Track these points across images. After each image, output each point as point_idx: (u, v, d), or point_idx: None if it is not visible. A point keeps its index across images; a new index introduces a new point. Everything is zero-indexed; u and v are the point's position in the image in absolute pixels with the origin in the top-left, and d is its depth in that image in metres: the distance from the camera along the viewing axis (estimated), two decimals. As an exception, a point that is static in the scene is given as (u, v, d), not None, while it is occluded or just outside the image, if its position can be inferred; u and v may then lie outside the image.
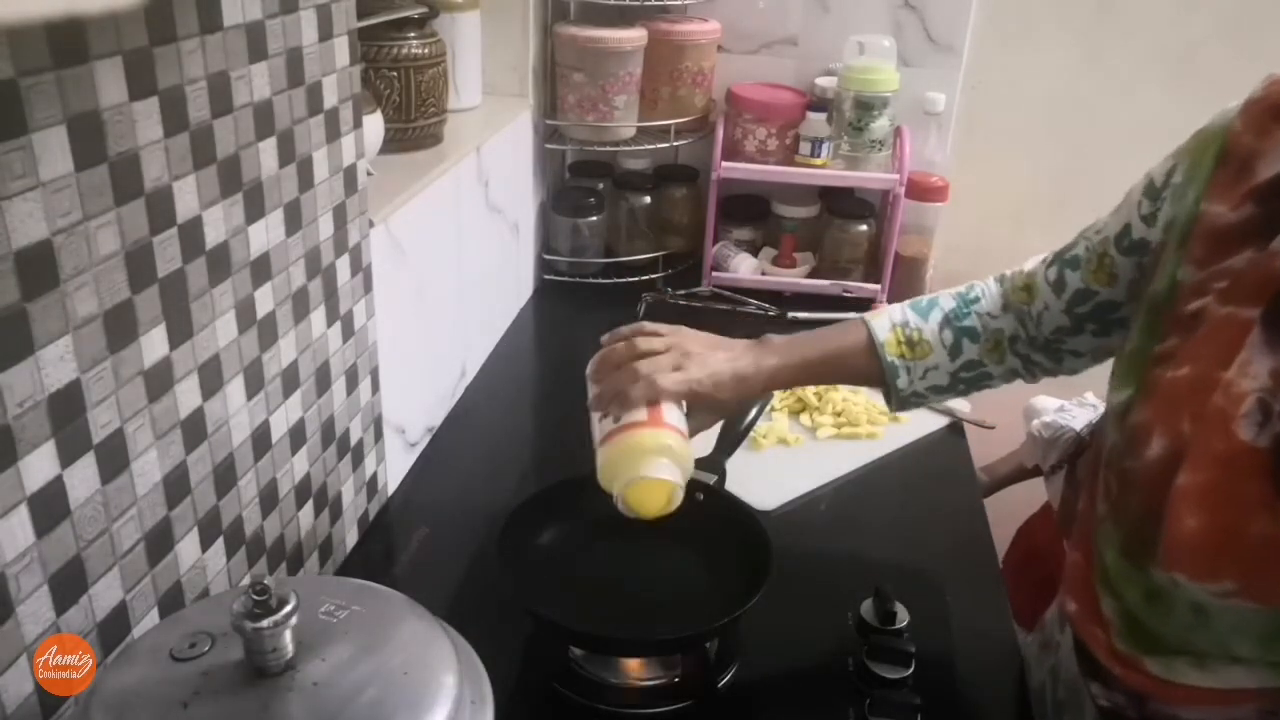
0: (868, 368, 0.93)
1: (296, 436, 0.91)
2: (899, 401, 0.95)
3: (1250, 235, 0.67)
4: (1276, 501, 0.60)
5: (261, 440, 0.84)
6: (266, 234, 0.81)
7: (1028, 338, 0.91)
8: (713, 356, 0.91)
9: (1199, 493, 0.64)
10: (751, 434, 1.18)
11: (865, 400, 1.35)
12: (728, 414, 0.95)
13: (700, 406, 0.91)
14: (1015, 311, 0.91)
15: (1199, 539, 0.64)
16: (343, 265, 0.96)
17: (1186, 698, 0.72)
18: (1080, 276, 0.85)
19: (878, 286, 1.71)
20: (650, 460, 0.83)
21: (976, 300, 0.94)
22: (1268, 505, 0.61)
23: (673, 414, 0.88)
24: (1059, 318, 0.87)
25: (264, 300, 0.82)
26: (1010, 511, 1.50)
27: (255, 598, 0.53)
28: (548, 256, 1.74)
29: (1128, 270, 0.81)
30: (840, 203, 1.77)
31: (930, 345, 0.92)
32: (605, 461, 0.86)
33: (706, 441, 1.07)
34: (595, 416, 0.90)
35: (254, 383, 0.82)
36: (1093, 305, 0.85)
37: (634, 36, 1.58)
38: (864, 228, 1.75)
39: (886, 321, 0.94)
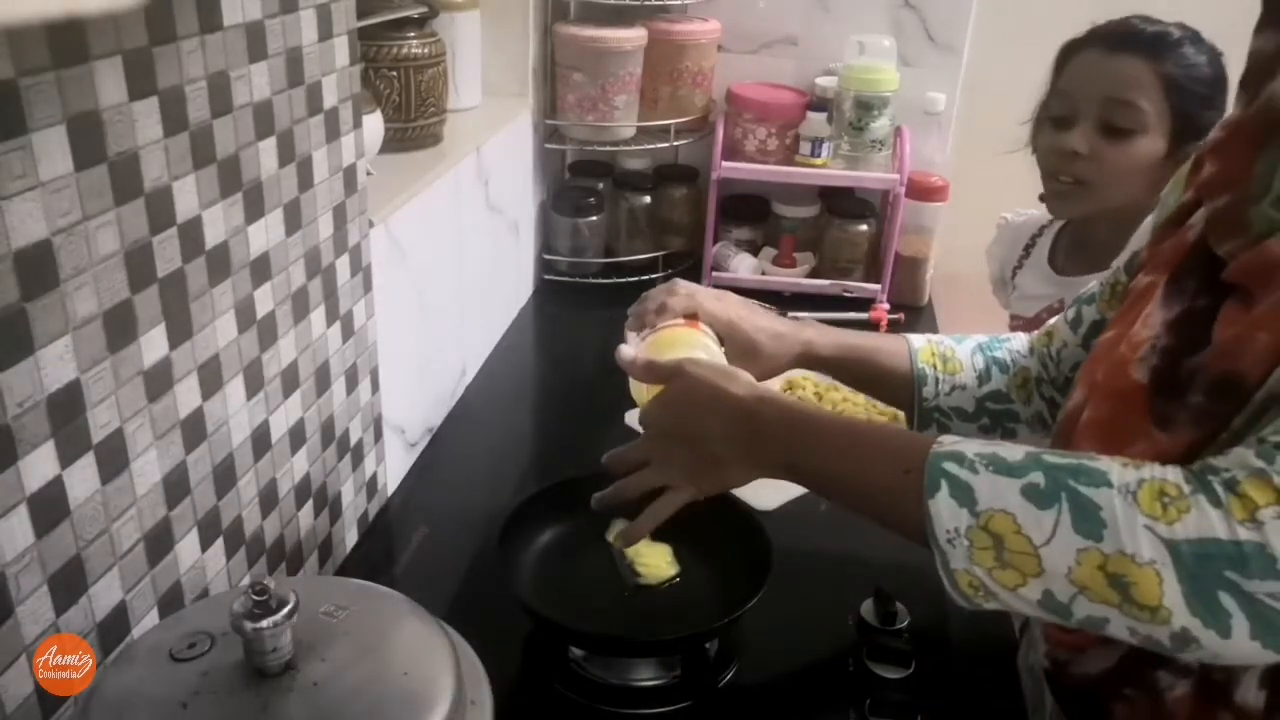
0: (898, 371, 0.96)
1: (296, 436, 0.91)
2: (921, 415, 0.96)
3: (1183, 219, 0.75)
4: (1150, 428, 0.67)
5: (261, 440, 0.84)
6: (266, 234, 0.81)
7: (1050, 379, 0.93)
8: (754, 308, 0.98)
9: (1095, 425, 0.73)
10: (751, 434, 1.17)
11: (865, 401, 1.35)
12: (759, 371, 0.96)
13: (735, 350, 0.94)
14: (1039, 355, 0.95)
15: None
16: (342, 265, 0.96)
17: (1075, 643, 0.77)
18: (1095, 309, 0.88)
19: (878, 286, 1.71)
20: (688, 351, 0.86)
21: (1008, 339, 0.99)
22: (1145, 433, 0.67)
23: (710, 332, 0.92)
24: (1076, 353, 0.90)
25: (264, 300, 0.82)
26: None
27: (255, 598, 0.53)
28: (548, 256, 1.74)
29: None
30: (840, 203, 1.77)
31: (961, 364, 0.96)
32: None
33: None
34: (633, 338, 0.93)
35: (254, 383, 0.82)
36: None
37: (634, 36, 1.58)
38: (864, 228, 1.75)
39: (923, 338, 0.99)
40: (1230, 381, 0.62)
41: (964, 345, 0.98)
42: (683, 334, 0.90)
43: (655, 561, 0.96)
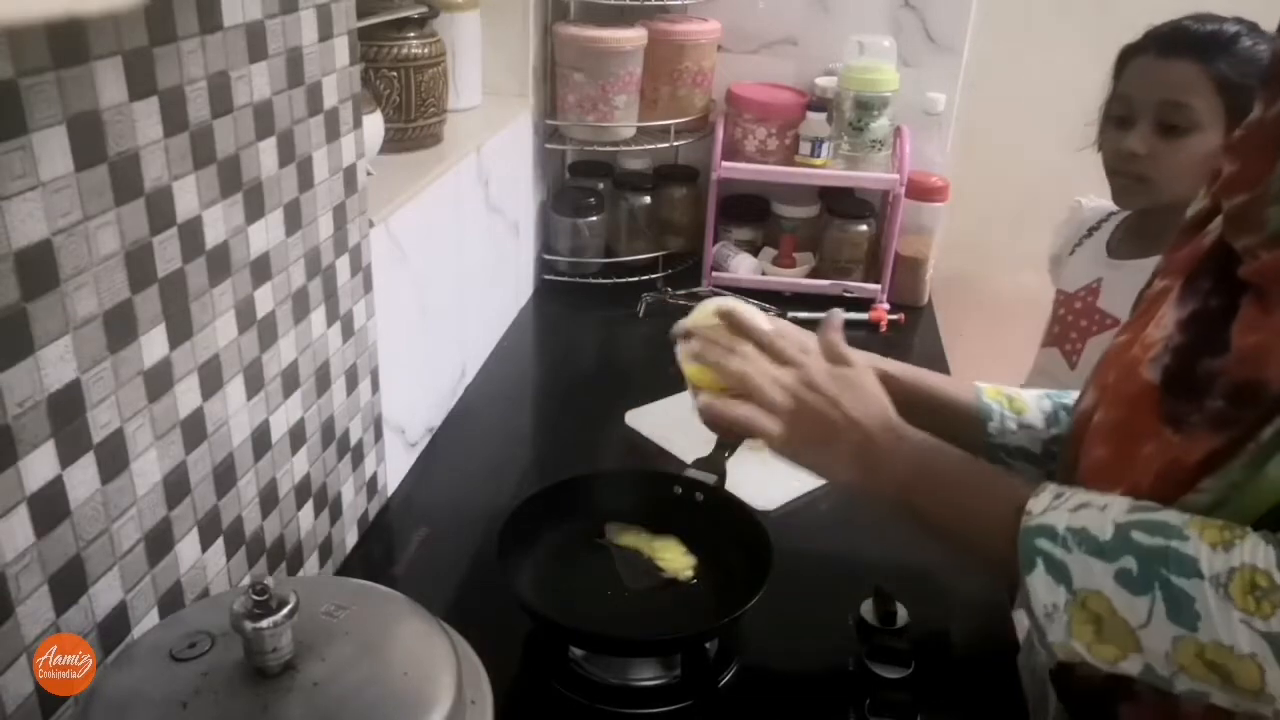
0: (963, 401, 0.93)
1: (296, 436, 0.91)
2: (987, 452, 0.92)
3: (1200, 226, 0.75)
4: (1161, 428, 0.68)
5: (261, 440, 0.84)
6: (266, 234, 0.81)
7: None
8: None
9: (1107, 428, 0.74)
10: (751, 434, 1.17)
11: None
12: None
13: None
14: None
15: (1104, 463, 0.73)
16: (343, 265, 0.96)
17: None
18: None
19: (878, 286, 1.71)
20: (732, 305, 0.86)
21: (1073, 392, 0.95)
22: (1155, 433, 0.68)
23: None
24: None
25: (264, 300, 0.82)
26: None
27: (255, 598, 0.53)
28: (548, 256, 1.74)
29: None
30: (840, 203, 1.77)
31: (1027, 405, 0.93)
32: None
33: (707, 441, 1.07)
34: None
35: (254, 383, 0.82)
36: None
37: (634, 36, 1.58)
38: (864, 228, 1.75)
39: (988, 384, 0.96)
40: (1253, 389, 0.62)
41: (1030, 391, 0.95)
42: (707, 304, 0.89)
43: (672, 555, 0.97)
